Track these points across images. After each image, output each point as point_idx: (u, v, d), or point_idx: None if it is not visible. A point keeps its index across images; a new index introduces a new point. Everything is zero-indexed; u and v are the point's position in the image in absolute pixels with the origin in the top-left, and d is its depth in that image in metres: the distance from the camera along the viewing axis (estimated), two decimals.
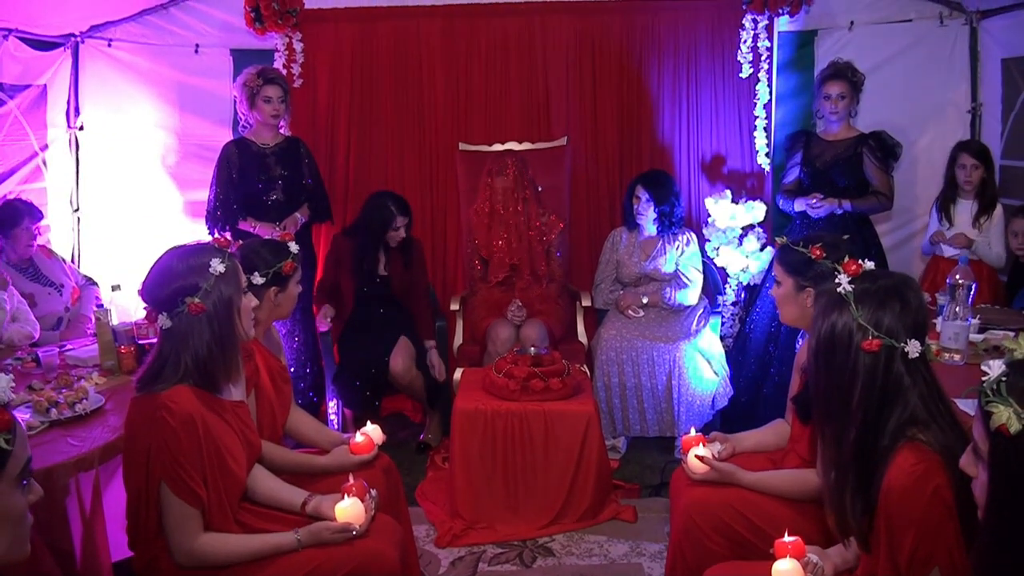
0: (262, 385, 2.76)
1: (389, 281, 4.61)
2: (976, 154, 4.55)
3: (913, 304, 1.90)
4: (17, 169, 4.78)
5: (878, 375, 1.85)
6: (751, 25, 4.90)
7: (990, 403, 1.41)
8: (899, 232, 5.20)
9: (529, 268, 4.78)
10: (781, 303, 2.79)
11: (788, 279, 2.72)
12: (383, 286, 4.61)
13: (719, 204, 4.81)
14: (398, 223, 4.52)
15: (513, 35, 5.07)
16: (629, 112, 5.15)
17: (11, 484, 1.47)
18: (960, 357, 3.18)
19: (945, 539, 1.72)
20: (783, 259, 2.75)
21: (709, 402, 4.40)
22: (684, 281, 4.58)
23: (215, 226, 4.49)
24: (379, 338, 4.49)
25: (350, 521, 2.38)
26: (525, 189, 4.77)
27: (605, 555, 3.52)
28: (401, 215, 4.54)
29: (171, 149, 5.29)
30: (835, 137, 4.57)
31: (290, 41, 4.97)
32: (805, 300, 2.67)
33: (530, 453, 3.74)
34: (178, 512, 2.17)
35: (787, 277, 2.72)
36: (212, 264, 2.25)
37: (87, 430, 2.76)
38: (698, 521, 2.65)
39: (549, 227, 4.82)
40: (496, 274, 4.78)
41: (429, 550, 3.56)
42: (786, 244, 2.73)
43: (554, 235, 4.82)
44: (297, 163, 4.61)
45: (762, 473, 2.70)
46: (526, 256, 4.77)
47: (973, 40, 5.05)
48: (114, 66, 5.17)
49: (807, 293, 2.66)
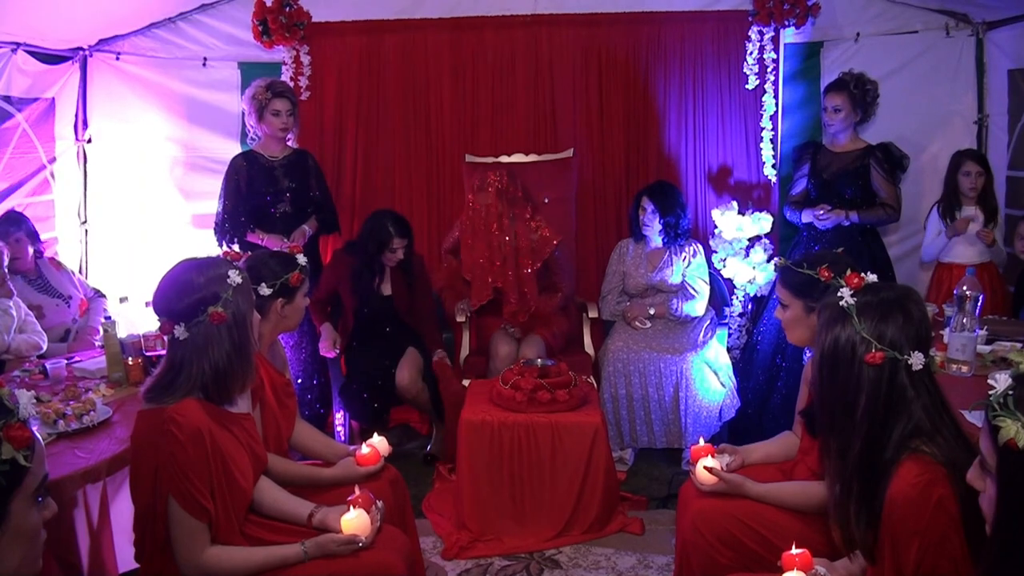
0: (266, 399, 2.77)
1: (392, 301, 4.56)
2: (979, 161, 4.58)
3: (916, 316, 1.90)
4: (25, 182, 4.81)
5: (882, 387, 1.85)
6: (757, 37, 4.92)
7: (997, 417, 1.39)
8: (906, 243, 5.19)
9: (516, 292, 4.51)
10: (790, 326, 2.73)
11: (796, 301, 2.66)
12: (386, 306, 4.56)
13: (726, 215, 4.81)
14: (395, 245, 4.41)
15: (520, 47, 5.08)
16: (636, 123, 5.15)
17: (27, 500, 1.46)
18: (968, 368, 3.17)
19: (950, 550, 1.71)
20: (787, 281, 2.68)
21: (716, 414, 4.39)
22: (691, 292, 4.57)
23: (223, 238, 4.51)
24: (386, 350, 4.48)
25: (356, 533, 2.38)
26: (513, 206, 4.52)
27: (612, 567, 3.51)
28: (399, 237, 4.42)
29: (179, 162, 5.32)
30: (842, 148, 4.57)
31: (297, 54, 5.00)
32: (815, 321, 2.62)
33: (537, 465, 3.73)
34: (186, 526, 2.17)
35: (794, 300, 2.66)
36: (230, 275, 2.27)
37: (94, 442, 2.77)
38: (704, 533, 2.64)
39: (541, 245, 4.54)
40: (479, 296, 4.55)
41: (436, 562, 3.55)
42: (787, 266, 2.67)
43: (548, 252, 4.55)
44: (305, 175, 4.63)
45: (771, 485, 2.68)
46: (512, 279, 4.51)
47: (979, 51, 5.05)
48: (122, 79, 5.20)
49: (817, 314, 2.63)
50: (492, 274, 4.52)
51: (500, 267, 4.51)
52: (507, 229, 4.50)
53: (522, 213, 4.54)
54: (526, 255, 4.53)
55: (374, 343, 4.54)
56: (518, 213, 4.53)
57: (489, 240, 4.51)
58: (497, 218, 4.49)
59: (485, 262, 4.52)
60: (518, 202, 4.54)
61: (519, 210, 4.54)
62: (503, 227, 4.50)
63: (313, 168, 4.69)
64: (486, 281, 4.53)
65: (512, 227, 4.51)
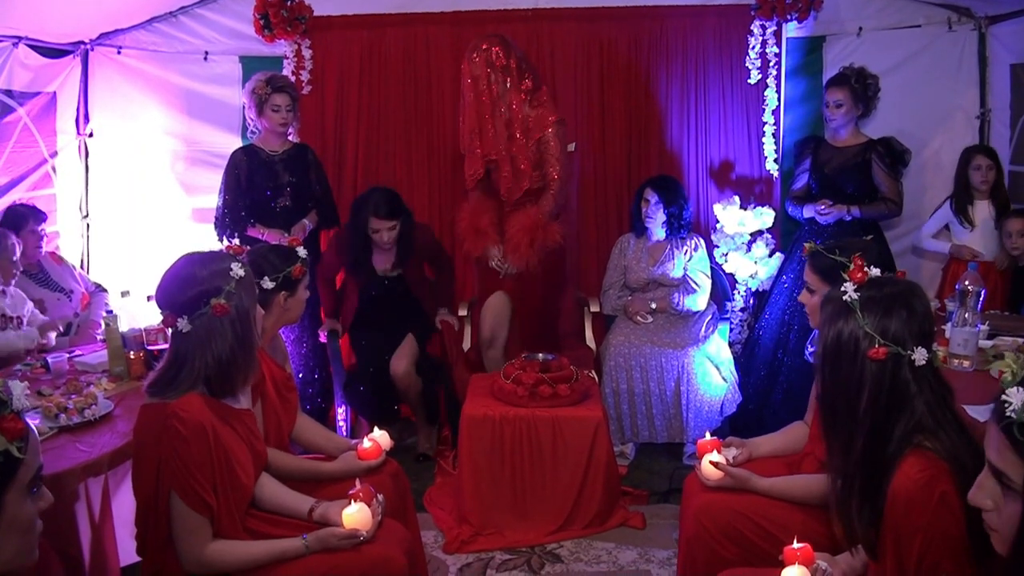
0: (267, 393, 2.77)
1: (393, 281, 4.57)
2: (990, 155, 4.58)
3: (919, 311, 1.90)
4: (27, 176, 4.80)
5: (885, 383, 1.85)
6: (759, 31, 4.90)
7: None
8: (908, 238, 5.18)
9: (509, 164, 4.33)
10: (816, 311, 2.68)
11: (824, 287, 2.63)
12: (387, 287, 4.58)
13: (728, 210, 4.81)
14: (375, 226, 4.38)
15: (521, 42, 5.04)
16: (637, 118, 5.14)
17: (22, 492, 1.47)
18: (969, 363, 3.17)
19: (952, 546, 1.71)
20: (817, 266, 2.68)
21: (717, 408, 4.39)
22: (692, 286, 4.56)
23: (223, 232, 4.51)
24: (384, 341, 4.49)
25: (357, 527, 2.38)
26: (505, 75, 4.25)
27: (613, 562, 3.51)
28: (378, 218, 4.37)
29: (180, 156, 5.31)
30: (844, 143, 4.57)
31: (299, 48, 4.99)
32: None
33: (538, 459, 3.74)
34: (188, 520, 2.17)
35: (823, 285, 2.64)
36: (233, 268, 2.28)
37: (96, 436, 2.78)
38: (708, 526, 2.65)
39: (536, 123, 4.32)
40: (472, 169, 4.38)
41: (437, 556, 3.55)
42: (818, 250, 2.66)
43: (547, 129, 4.31)
44: (305, 170, 4.63)
45: (776, 479, 2.68)
46: (504, 152, 4.32)
47: (982, 46, 5.04)
48: (123, 73, 5.20)
49: None
50: (483, 145, 4.35)
51: (492, 137, 4.32)
52: (497, 99, 4.28)
53: (517, 83, 4.29)
54: (519, 126, 4.32)
55: (375, 327, 4.55)
56: (513, 83, 4.29)
57: (479, 110, 4.31)
58: (487, 86, 4.26)
59: (476, 132, 4.34)
60: (511, 72, 4.28)
61: (513, 80, 4.29)
62: (493, 96, 4.27)
63: (313, 162, 4.68)
64: (476, 153, 4.37)
65: (504, 98, 4.29)
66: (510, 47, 4.31)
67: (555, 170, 4.34)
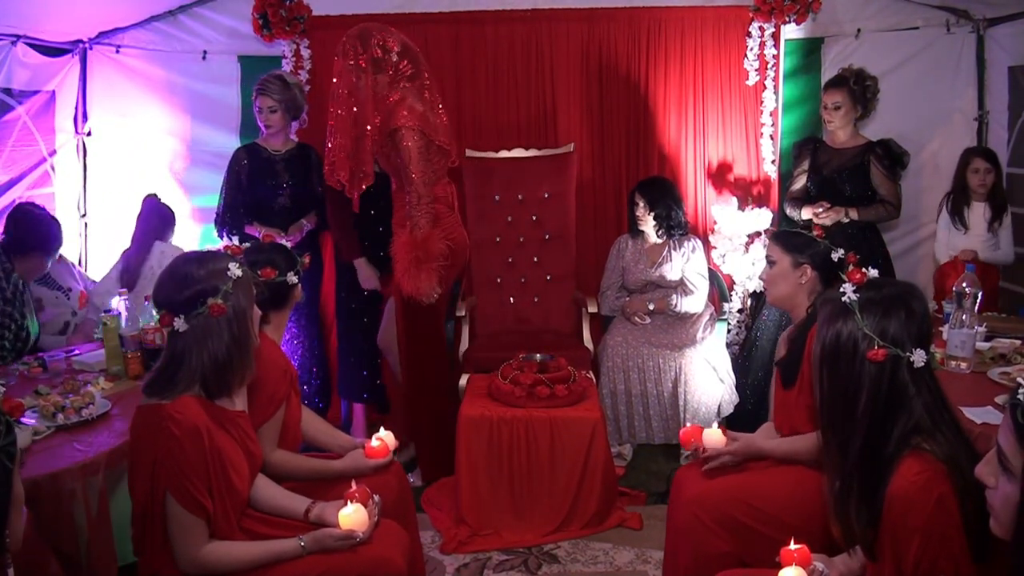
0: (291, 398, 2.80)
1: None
2: (989, 158, 4.57)
3: (918, 313, 1.90)
4: (26, 175, 4.80)
5: (883, 384, 1.85)
6: (758, 32, 4.91)
7: None
8: (906, 239, 5.20)
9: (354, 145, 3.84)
10: (773, 281, 2.95)
11: (785, 257, 2.89)
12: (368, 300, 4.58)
13: (725, 211, 4.81)
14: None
15: (520, 42, 5.07)
16: (636, 119, 5.14)
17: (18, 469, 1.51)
18: (966, 365, 3.17)
19: (950, 547, 1.71)
20: (779, 239, 2.95)
21: (715, 409, 4.40)
22: (690, 288, 4.57)
23: (223, 230, 4.51)
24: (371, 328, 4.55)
25: (353, 528, 2.38)
26: (362, 71, 3.79)
27: (610, 562, 3.52)
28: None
29: (178, 155, 5.30)
30: (842, 145, 4.57)
31: (298, 48, 4.99)
32: (799, 278, 2.86)
33: (536, 460, 3.74)
34: (184, 522, 2.17)
35: (784, 255, 2.89)
36: (230, 268, 2.28)
37: (93, 435, 2.78)
38: (701, 516, 2.67)
39: (392, 110, 3.81)
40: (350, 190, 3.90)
41: (434, 556, 3.56)
42: (781, 230, 2.85)
43: (401, 123, 3.76)
44: (306, 170, 4.61)
45: (779, 439, 2.79)
46: (367, 157, 3.87)
47: (980, 48, 5.05)
48: (122, 72, 5.19)
49: (803, 270, 2.85)
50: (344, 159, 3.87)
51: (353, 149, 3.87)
52: (351, 100, 3.85)
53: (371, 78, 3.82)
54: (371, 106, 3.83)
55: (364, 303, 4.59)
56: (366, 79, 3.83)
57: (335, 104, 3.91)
58: (345, 91, 3.85)
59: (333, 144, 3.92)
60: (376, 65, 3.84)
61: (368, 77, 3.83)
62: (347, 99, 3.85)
63: (315, 163, 4.65)
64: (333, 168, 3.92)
65: (358, 97, 3.85)
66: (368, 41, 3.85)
67: (415, 172, 3.82)
